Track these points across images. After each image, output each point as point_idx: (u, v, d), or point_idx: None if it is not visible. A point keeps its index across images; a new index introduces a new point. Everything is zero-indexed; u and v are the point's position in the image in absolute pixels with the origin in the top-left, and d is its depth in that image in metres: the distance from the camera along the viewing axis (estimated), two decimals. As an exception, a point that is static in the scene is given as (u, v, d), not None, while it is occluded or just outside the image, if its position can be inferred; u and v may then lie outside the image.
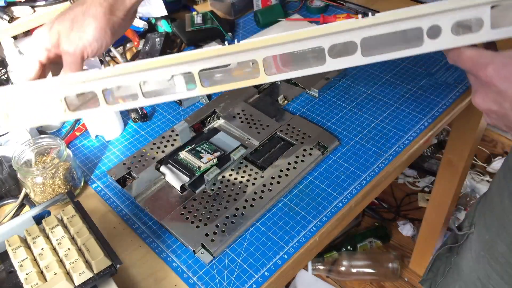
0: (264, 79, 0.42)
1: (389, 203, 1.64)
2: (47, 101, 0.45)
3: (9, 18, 0.81)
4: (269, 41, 0.40)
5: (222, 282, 0.54)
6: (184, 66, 0.42)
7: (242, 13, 1.04)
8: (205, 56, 0.42)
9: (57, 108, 0.45)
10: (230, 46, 0.41)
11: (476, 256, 0.67)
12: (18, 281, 0.47)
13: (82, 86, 0.44)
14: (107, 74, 0.44)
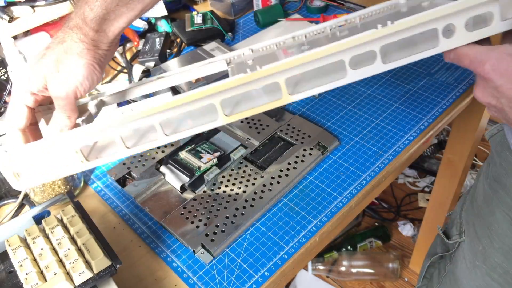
0: (287, 100, 0.42)
1: (389, 203, 1.64)
2: (61, 155, 0.44)
3: (9, 18, 0.81)
4: (290, 63, 0.39)
5: (222, 282, 0.54)
6: (205, 100, 0.41)
7: (242, 13, 1.04)
8: (227, 87, 0.41)
9: (73, 160, 0.44)
10: (252, 74, 0.40)
11: (472, 266, 0.66)
12: (18, 281, 0.47)
13: (99, 135, 0.43)
14: (127, 120, 0.42)
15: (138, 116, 0.42)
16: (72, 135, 0.43)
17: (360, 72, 0.41)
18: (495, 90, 0.38)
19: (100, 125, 0.43)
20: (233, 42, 0.94)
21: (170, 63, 0.85)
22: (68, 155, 0.43)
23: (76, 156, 0.44)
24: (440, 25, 0.39)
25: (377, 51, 0.40)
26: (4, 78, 0.79)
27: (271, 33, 0.95)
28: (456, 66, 0.83)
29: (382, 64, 0.41)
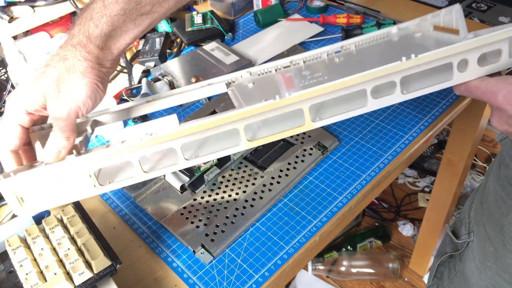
0: (310, 126, 0.43)
1: (389, 203, 1.64)
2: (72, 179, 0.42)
3: (9, 18, 0.81)
4: (315, 92, 0.40)
5: (222, 282, 0.54)
6: (230, 125, 0.41)
7: (242, 13, 1.04)
8: (253, 113, 0.41)
9: (85, 184, 0.42)
10: (282, 100, 0.40)
11: (482, 266, 0.67)
12: (18, 281, 0.47)
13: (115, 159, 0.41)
14: (146, 144, 0.41)
15: (159, 140, 0.41)
16: (88, 158, 0.41)
17: (380, 101, 0.43)
18: (510, 118, 0.41)
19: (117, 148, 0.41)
20: (233, 42, 0.94)
21: (170, 63, 0.85)
22: (80, 180, 0.42)
23: (89, 181, 0.42)
24: (456, 60, 0.43)
25: (397, 82, 0.42)
26: (4, 78, 0.79)
27: (271, 33, 0.95)
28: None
29: (401, 95, 0.43)
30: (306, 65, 0.56)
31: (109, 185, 0.43)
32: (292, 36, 0.92)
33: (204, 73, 0.81)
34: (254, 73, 0.54)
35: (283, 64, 0.55)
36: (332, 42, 0.91)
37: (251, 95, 0.51)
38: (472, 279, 0.70)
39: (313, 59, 0.56)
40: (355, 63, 0.55)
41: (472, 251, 0.70)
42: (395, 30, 0.61)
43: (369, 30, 0.90)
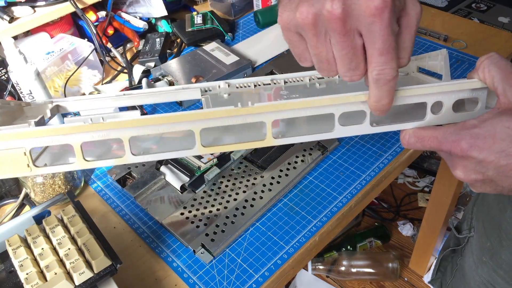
0: (270, 142, 0.41)
1: (389, 203, 1.64)
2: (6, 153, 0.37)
3: (9, 18, 0.81)
4: (280, 106, 0.39)
5: (222, 282, 0.54)
6: (186, 124, 0.39)
7: (242, 13, 1.04)
8: (211, 116, 0.39)
9: (18, 162, 0.38)
10: (242, 108, 0.39)
11: (479, 261, 0.67)
12: (19, 281, 0.47)
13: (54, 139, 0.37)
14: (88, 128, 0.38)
15: (105, 126, 0.38)
16: (24, 132, 0.37)
17: (347, 129, 0.41)
18: (479, 165, 0.37)
19: (56, 127, 0.38)
20: (233, 42, 0.95)
21: (170, 63, 0.85)
22: (13, 155, 0.38)
23: (22, 159, 0.38)
24: (431, 100, 0.41)
25: (367, 113, 0.41)
26: (5, 78, 0.79)
27: (271, 34, 0.95)
28: (456, 68, 0.83)
29: (370, 126, 0.41)
30: (287, 85, 0.55)
31: (44, 168, 0.39)
32: (292, 36, 0.92)
33: (204, 73, 0.81)
34: (232, 85, 0.53)
35: (263, 81, 0.55)
36: (332, 42, 0.92)
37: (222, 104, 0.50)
38: (469, 274, 0.71)
39: (295, 81, 0.56)
40: (334, 91, 0.54)
41: (471, 246, 0.71)
42: None
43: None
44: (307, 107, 0.39)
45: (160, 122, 0.38)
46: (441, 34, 0.89)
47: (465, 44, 0.88)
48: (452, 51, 0.87)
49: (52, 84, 0.82)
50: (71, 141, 0.38)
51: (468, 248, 0.72)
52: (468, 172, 0.38)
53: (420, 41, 0.90)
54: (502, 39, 0.89)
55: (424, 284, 1.42)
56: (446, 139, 0.38)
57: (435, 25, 0.94)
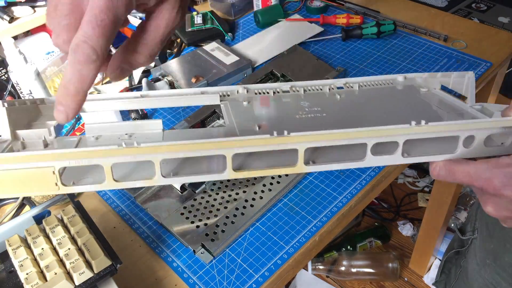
0: (302, 169, 0.41)
1: (389, 203, 1.64)
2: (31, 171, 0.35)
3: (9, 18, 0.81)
4: (316, 137, 0.39)
5: (222, 281, 0.54)
6: (220, 150, 0.38)
7: (242, 13, 1.04)
8: (247, 144, 0.38)
9: (46, 180, 0.36)
10: (278, 138, 0.39)
11: (482, 263, 0.67)
12: (19, 281, 0.47)
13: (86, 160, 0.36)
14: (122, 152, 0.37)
15: (138, 151, 0.37)
16: (55, 154, 0.35)
17: (379, 159, 0.41)
18: (510, 204, 0.38)
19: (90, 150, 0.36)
20: (233, 42, 0.95)
21: (170, 63, 0.85)
22: (41, 174, 0.36)
23: (51, 178, 0.36)
24: (464, 135, 0.41)
25: (401, 144, 0.41)
26: (5, 78, 0.79)
27: (271, 34, 0.95)
28: (449, 61, 0.83)
29: (401, 157, 0.41)
30: (306, 94, 0.55)
31: (73, 187, 0.38)
32: (292, 36, 0.92)
33: (204, 73, 0.81)
34: (251, 90, 0.53)
35: (282, 88, 0.55)
36: (332, 43, 0.92)
37: (244, 115, 0.50)
38: (473, 275, 0.71)
39: (315, 89, 0.56)
40: (356, 105, 0.54)
41: (475, 248, 0.71)
42: (401, 78, 0.60)
43: (369, 30, 0.90)
44: (341, 139, 0.39)
45: (194, 149, 0.38)
46: (441, 34, 0.89)
47: (465, 44, 0.88)
48: (452, 51, 0.87)
49: (52, 84, 0.82)
50: (102, 162, 0.37)
51: (471, 250, 0.73)
52: (499, 209, 0.39)
53: (420, 41, 0.90)
54: (502, 39, 0.89)
55: (424, 284, 1.42)
56: (479, 176, 0.38)
57: (435, 25, 0.94)
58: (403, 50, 0.88)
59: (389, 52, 0.88)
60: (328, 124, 0.49)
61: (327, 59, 0.88)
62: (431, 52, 0.87)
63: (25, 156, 0.34)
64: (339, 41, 0.92)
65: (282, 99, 0.54)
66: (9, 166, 0.34)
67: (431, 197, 1.20)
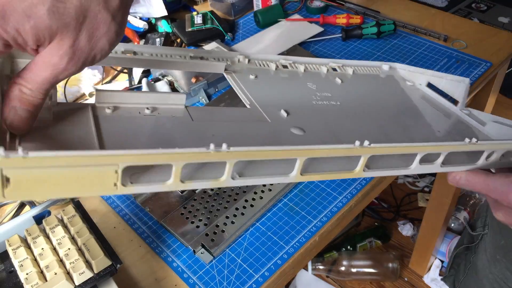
0: (360, 175, 0.41)
1: (389, 203, 1.64)
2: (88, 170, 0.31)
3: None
4: (381, 150, 0.40)
5: (222, 282, 0.54)
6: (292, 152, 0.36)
7: (242, 13, 1.04)
8: (332, 153, 0.38)
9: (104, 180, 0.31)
10: (358, 148, 0.38)
11: (492, 259, 0.68)
12: (19, 281, 0.47)
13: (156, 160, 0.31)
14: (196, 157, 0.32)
15: (215, 156, 0.33)
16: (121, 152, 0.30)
17: (422, 168, 0.44)
18: None
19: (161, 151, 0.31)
20: (233, 42, 0.95)
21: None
22: (100, 173, 0.31)
23: (110, 177, 0.31)
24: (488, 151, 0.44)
25: (443, 155, 0.43)
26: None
27: (271, 34, 0.95)
28: (454, 63, 0.83)
29: (439, 167, 0.44)
30: (306, 73, 0.56)
31: (133, 187, 0.33)
32: (292, 36, 0.92)
33: (204, 74, 0.81)
34: (252, 60, 0.53)
35: (282, 63, 0.55)
36: (332, 43, 0.92)
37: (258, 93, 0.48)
38: (482, 271, 0.72)
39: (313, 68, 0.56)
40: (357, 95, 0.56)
41: (485, 243, 0.72)
42: (387, 67, 0.63)
43: (369, 30, 0.90)
44: (400, 152, 0.41)
45: (269, 157, 0.35)
46: (441, 34, 0.89)
47: (465, 44, 0.88)
48: (452, 51, 0.87)
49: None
50: (174, 162, 0.33)
51: (481, 245, 0.73)
52: (508, 217, 0.44)
53: (420, 41, 0.90)
54: (502, 39, 0.89)
55: (424, 284, 1.42)
56: (496, 188, 0.43)
57: (435, 25, 0.94)
58: (403, 50, 0.88)
59: (389, 52, 0.88)
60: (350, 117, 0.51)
61: (327, 59, 0.88)
62: (431, 52, 0.87)
63: (87, 155, 0.29)
64: (339, 41, 0.92)
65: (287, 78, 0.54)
66: (65, 164, 0.29)
67: (431, 197, 1.20)
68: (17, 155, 0.26)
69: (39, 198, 0.30)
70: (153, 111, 0.41)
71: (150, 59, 0.48)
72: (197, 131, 0.41)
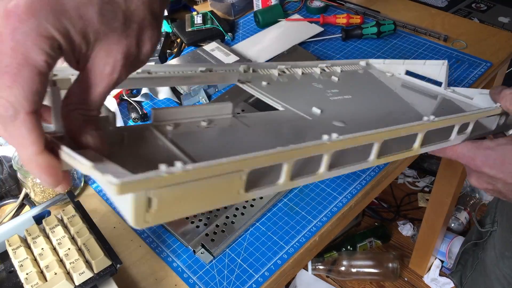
0: (418, 151, 0.44)
1: (389, 203, 1.64)
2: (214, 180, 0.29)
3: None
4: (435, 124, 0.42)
5: (222, 282, 0.54)
6: (372, 137, 0.37)
7: (242, 13, 1.04)
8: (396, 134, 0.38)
9: (228, 188, 0.30)
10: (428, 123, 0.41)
11: (501, 256, 0.69)
12: (18, 281, 0.47)
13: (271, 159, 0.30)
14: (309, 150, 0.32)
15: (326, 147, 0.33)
16: (245, 156, 0.29)
17: (459, 138, 0.47)
18: (490, 179, 0.45)
19: (278, 150, 0.30)
20: (233, 42, 0.95)
21: (170, 63, 0.85)
22: (224, 182, 0.29)
23: (235, 184, 0.30)
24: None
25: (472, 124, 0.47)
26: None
27: (271, 34, 0.95)
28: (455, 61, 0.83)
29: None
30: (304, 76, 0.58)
31: (251, 192, 0.32)
32: (292, 36, 0.92)
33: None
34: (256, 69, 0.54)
35: (281, 68, 0.57)
36: (332, 43, 0.92)
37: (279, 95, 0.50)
38: (490, 267, 0.72)
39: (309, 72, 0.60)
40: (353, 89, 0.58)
41: (493, 240, 0.72)
42: (364, 63, 0.67)
43: (369, 30, 0.90)
44: (450, 123, 0.44)
45: (360, 142, 0.36)
46: (441, 34, 0.89)
47: (465, 44, 0.88)
48: (452, 51, 0.87)
49: (52, 84, 0.82)
50: (287, 160, 0.32)
51: (490, 242, 0.74)
52: (480, 182, 0.47)
53: (421, 41, 0.90)
54: (502, 39, 0.89)
55: (424, 284, 1.42)
56: (464, 154, 0.46)
57: (435, 25, 0.94)
58: (403, 50, 0.88)
59: (389, 52, 0.88)
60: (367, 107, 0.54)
61: (327, 59, 0.88)
62: (431, 52, 0.87)
63: (216, 164, 0.27)
64: (339, 41, 0.92)
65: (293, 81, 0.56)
66: (210, 174, 0.27)
67: (431, 197, 1.20)
68: (175, 169, 0.24)
69: (175, 218, 0.29)
70: (209, 123, 0.40)
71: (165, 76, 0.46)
72: (262, 136, 0.42)
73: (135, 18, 0.30)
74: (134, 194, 0.24)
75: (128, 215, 0.25)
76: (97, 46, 0.28)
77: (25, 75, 0.25)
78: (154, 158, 0.34)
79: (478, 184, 0.47)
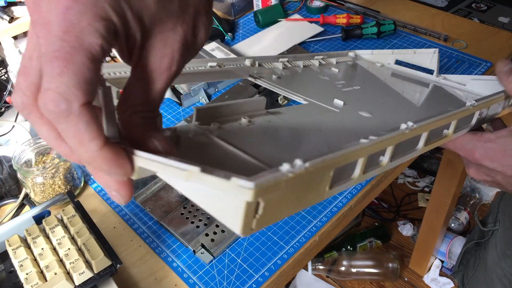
0: (451, 137, 0.44)
1: (389, 203, 1.64)
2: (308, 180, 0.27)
3: (9, 18, 0.81)
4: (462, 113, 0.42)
5: (222, 282, 0.54)
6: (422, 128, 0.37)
7: (242, 13, 1.04)
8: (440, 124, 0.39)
9: (316, 187, 0.28)
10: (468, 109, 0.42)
11: (502, 255, 0.69)
12: (18, 281, 0.47)
13: None
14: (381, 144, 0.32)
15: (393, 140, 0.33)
16: (334, 154, 0.27)
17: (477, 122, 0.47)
18: (489, 171, 0.45)
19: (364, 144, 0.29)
20: (233, 42, 0.95)
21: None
22: (314, 181, 0.28)
23: (323, 182, 0.29)
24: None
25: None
26: (5, 78, 0.79)
27: (271, 33, 0.95)
28: (460, 62, 0.83)
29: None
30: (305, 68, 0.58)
31: (334, 189, 0.30)
32: (292, 36, 0.92)
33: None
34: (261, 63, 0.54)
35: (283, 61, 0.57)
36: (332, 42, 0.92)
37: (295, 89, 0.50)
38: (492, 267, 0.72)
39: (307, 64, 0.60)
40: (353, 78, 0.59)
41: (495, 239, 0.72)
42: (352, 54, 0.67)
43: (369, 30, 0.90)
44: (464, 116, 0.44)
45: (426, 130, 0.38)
46: (441, 34, 0.89)
47: (465, 44, 0.88)
48: (452, 51, 0.87)
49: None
50: (362, 155, 0.31)
51: (492, 241, 0.74)
52: (479, 174, 0.46)
53: (421, 41, 0.90)
54: (502, 39, 0.89)
55: (424, 284, 1.42)
56: (463, 146, 0.45)
57: (435, 25, 0.94)
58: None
59: (389, 52, 0.88)
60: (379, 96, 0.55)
61: (327, 59, 0.88)
62: (431, 52, 0.87)
63: (328, 159, 0.26)
64: (339, 41, 0.92)
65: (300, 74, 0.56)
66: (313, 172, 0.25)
67: (431, 197, 1.20)
68: (297, 168, 0.23)
69: (272, 223, 0.27)
70: (250, 120, 0.39)
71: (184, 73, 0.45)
72: (307, 130, 0.41)
73: (191, 1, 0.25)
74: (248, 199, 0.21)
75: (234, 222, 0.23)
76: (153, 34, 0.24)
77: (79, 61, 0.21)
78: (216, 159, 0.33)
79: (476, 176, 0.47)
